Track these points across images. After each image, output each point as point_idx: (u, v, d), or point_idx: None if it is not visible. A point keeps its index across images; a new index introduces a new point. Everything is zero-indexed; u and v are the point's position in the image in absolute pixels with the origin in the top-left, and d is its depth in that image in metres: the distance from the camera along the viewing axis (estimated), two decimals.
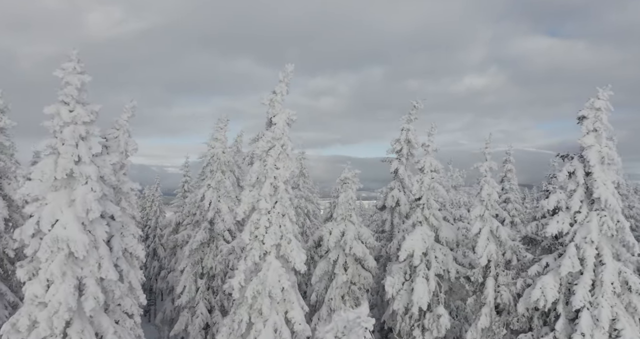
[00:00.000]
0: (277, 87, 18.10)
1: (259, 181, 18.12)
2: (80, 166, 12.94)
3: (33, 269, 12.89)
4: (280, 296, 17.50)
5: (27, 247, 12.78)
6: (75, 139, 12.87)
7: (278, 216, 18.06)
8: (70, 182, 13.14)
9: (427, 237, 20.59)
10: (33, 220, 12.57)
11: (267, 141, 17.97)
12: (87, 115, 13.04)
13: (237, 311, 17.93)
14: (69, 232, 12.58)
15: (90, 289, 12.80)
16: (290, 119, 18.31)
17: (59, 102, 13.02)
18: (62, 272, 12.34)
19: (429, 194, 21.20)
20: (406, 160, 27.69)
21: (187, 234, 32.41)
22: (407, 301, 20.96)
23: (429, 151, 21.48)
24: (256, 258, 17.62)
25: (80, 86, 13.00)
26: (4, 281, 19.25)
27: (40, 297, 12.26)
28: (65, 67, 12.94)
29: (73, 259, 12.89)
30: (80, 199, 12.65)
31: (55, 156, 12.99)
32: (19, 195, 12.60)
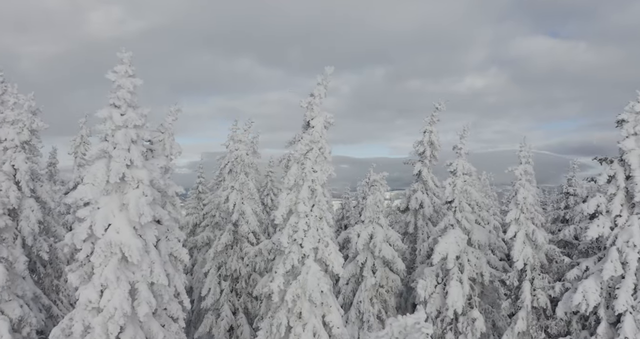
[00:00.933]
0: (315, 90, 18.00)
1: (297, 184, 18.04)
2: (132, 170, 12.85)
3: (85, 274, 12.77)
4: (320, 300, 17.42)
5: (79, 252, 12.66)
6: (128, 143, 12.77)
7: (316, 219, 17.98)
8: (121, 186, 13.04)
9: (461, 240, 20.52)
10: (86, 224, 12.46)
11: (305, 143, 17.88)
12: (138, 118, 12.94)
13: (275, 314, 17.85)
14: (122, 237, 12.48)
15: (143, 294, 12.69)
16: (327, 122, 18.22)
17: (109, 106, 12.91)
18: (116, 277, 12.23)
19: (462, 197, 21.14)
20: (429, 162, 27.67)
21: (207, 235, 32.31)
22: (440, 305, 20.91)
23: (461, 154, 21.42)
24: (295, 261, 17.54)
25: (133, 89, 12.90)
26: (37, 284, 19.12)
27: (94, 302, 12.14)
28: (118, 70, 12.83)
29: (125, 263, 12.79)
30: (133, 204, 12.55)
31: (107, 160, 12.89)
32: (71, 199, 12.47)
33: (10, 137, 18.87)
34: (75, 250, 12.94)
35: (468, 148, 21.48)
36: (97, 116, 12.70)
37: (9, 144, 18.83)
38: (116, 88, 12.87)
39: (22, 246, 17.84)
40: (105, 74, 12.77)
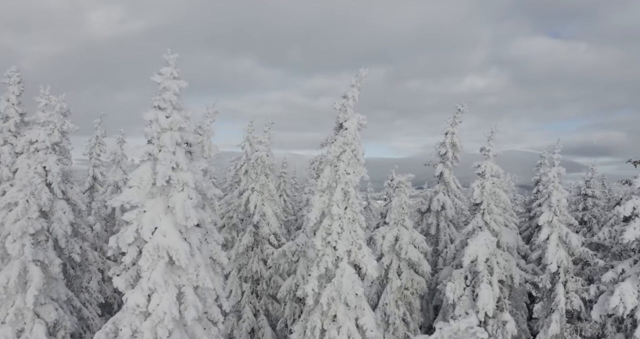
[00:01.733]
0: (348, 92, 17.93)
1: (330, 187, 17.97)
2: (177, 173, 12.76)
3: (130, 278, 12.69)
4: (355, 303, 17.36)
5: (125, 255, 12.58)
6: (173, 146, 12.69)
7: (349, 222, 17.92)
8: (166, 189, 12.96)
9: (490, 242, 20.44)
10: (132, 227, 12.37)
11: (339, 146, 17.81)
12: (183, 121, 12.86)
13: (309, 317, 17.78)
14: (169, 240, 12.40)
15: (190, 298, 12.61)
16: (360, 124, 18.16)
17: (154, 108, 12.83)
18: (164, 280, 12.15)
19: (490, 199, 21.06)
20: (451, 164, 27.60)
21: (224, 237, 32.18)
22: (469, 307, 20.80)
23: (489, 156, 21.34)
24: (329, 264, 17.47)
25: (178, 91, 12.82)
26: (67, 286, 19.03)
27: (142, 306, 12.06)
28: (164, 73, 12.76)
29: (171, 267, 12.71)
30: (179, 207, 12.46)
31: (152, 162, 12.81)
32: (118, 202, 12.38)
33: (41, 138, 18.82)
34: (120, 253, 12.86)
35: (496, 150, 21.39)
36: (143, 118, 12.61)
37: (40, 146, 18.78)
38: (161, 90, 12.79)
39: (54, 248, 17.77)
40: (151, 76, 12.68)
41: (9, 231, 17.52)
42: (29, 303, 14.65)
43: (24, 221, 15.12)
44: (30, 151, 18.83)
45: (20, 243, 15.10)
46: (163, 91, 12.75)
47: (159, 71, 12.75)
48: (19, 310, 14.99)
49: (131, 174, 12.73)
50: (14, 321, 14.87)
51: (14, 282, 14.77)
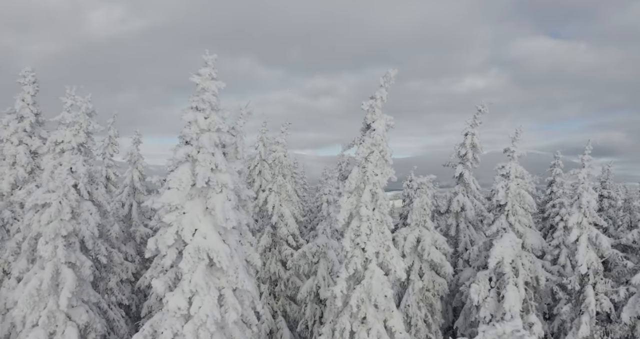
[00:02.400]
0: (377, 92, 17.86)
1: (358, 188, 17.89)
2: (216, 174, 12.69)
3: (169, 280, 12.61)
4: (385, 305, 17.27)
5: (164, 258, 12.49)
6: (212, 147, 12.61)
7: (377, 223, 17.84)
8: (204, 191, 12.88)
9: (516, 244, 20.36)
10: (172, 229, 12.29)
11: (367, 146, 17.74)
12: (220, 122, 12.79)
13: (338, 319, 17.68)
14: (209, 242, 12.32)
15: (229, 301, 12.53)
16: (388, 125, 18.09)
17: (192, 109, 12.75)
18: (205, 283, 12.06)
19: (515, 200, 20.97)
20: (471, 165, 27.52)
21: None
22: (494, 309, 20.72)
23: (513, 157, 21.25)
24: (358, 265, 17.38)
25: (217, 92, 12.75)
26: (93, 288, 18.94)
27: (184, 309, 11.97)
28: (202, 73, 12.69)
29: (210, 269, 12.62)
30: (219, 208, 12.38)
31: (191, 164, 12.73)
32: (158, 204, 12.30)
33: (67, 139, 18.72)
34: (159, 256, 12.77)
35: (521, 151, 21.29)
36: (183, 119, 12.51)
37: (66, 146, 18.68)
38: (200, 91, 12.71)
39: (80, 250, 17.68)
40: (191, 78, 12.59)
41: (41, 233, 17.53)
42: (62, 305, 14.56)
43: (57, 223, 15.04)
44: (56, 151, 18.73)
45: (53, 245, 15.02)
46: (202, 92, 12.68)
47: (198, 72, 12.68)
48: (51, 313, 14.90)
49: (170, 175, 12.64)
50: (46, 324, 14.78)
51: (47, 284, 14.69)
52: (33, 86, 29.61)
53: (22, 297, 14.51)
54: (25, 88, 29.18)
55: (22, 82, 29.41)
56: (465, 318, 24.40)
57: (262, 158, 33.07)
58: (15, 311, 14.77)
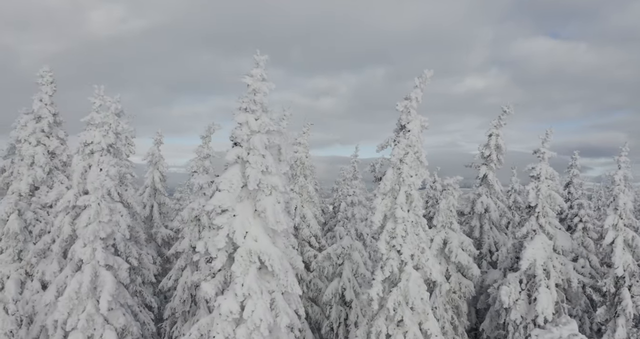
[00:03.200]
0: (412, 93, 17.69)
1: (393, 189, 17.73)
2: (266, 176, 12.51)
3: (219, 283, 12.41)
4: (421, 308, 17.12)
5: (214, 261, 12.29)
6: (263, 149, 12.43)
7: (412, 225, 17.68)
8: (252, 193, 12.69)
9: (547, 246, 20.26)
10: (223, 232, 12.09)
11: (402, 148, 17.58)
12: (271, 123, 12.60)
13: (374, 322, 17.51)
14: (261, 245, 12.14)
15: (281, 304, 12.36)
16: (422, 126, 17.94)
17: (243, 110, 12.55)
18: (258, 287, 11.87)
19: (545, 202, 20.86)
20: (495, 166, 27.38)
21: None
22: (525, 311, 20.60)
23: (544, 158, 21.11)
24: (394, 268, 17.22)
25: (268, 93, 12.56)
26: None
27: (236, 313, 11.78)
28: (254, 74, 12.49)
29: (260, 272, 12.44)
30: (270, 211, 12.21)
31: (240, 165, 12.54)
32: (210, 206, 12.10)
33: (96, 140, 18.51)
34: (207, 259, 12.58)
35: (551, 153, 21.16)
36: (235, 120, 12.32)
37: (95, 147, 18.47)
38: (251, 92, 12.52)
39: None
40: (243, 79, 12.39)
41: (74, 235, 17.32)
42: (103, 309, 14.35)
43: (95, 225, 14.82)
44: (85, 152, 18.51)
45: (91, 248, 14.81)
46: (253, 93, 12.48)
47: (249, 73, 12.49)
48: (90, 316, 14.69)
49: (220, 177, 12.44)
50: (85, 327, 14.56)
51: (86, 287, 14.47)
52: (51, 86, 29.32)
53: (62, 300, 14.26)
54: (43, 88, 28.90)
55: (39, 82, 29.13)
56: (492, 320, 24.26)
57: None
58: (54, 315, 14.52)
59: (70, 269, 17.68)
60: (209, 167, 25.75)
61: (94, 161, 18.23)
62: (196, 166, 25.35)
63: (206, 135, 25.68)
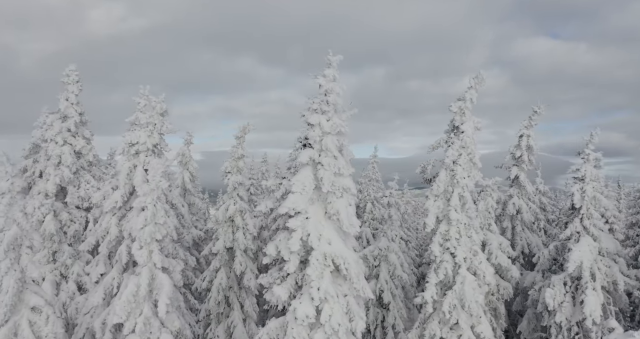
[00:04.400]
0: (466, 94, 17.51)
1: (446, 191, 17.53)
2: (338, 178, 12.26)
3: (291, 287, 12.16)
4: (476, 311, 16.92)
5: (286, 264, 12.04)
6: (335, 150, 12.18)
7: (465, 227, 17.49)
8: (322, 195, 12.44)
9: (593, 248, 20.06)
10: (297, 235, 11.84)
11: (456, 149, 17.38)
12: (342, 124, 12.35)
13: (427, 325, 17.32)
14: (335, 249, 11.89)
15: (355, 309, 12.11)
16: (476, 127, 17.74)
17: (315, 111, 12.30)
18: (334, 290, 11.63)
19: (590, 203, 20.65)
20: (526, 167, 27.18)
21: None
22: (570, 314, 20.41)
23: (589, 160, 20.90)
24: (448, 270, 17.02)
25: (341, 94, 12.30)
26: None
27: (311, 317, 11.52)
28: (326, 74, 12.24)
29: (333, 276, 12.19)
30: (343, 214, 11.97)
31: (312, 167, 12.28)
32: (285, 209, 11.84)
33: (142, 140, 18.22)
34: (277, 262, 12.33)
35: (596, 154, 20.94)
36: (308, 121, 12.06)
37: (141, 148, 18.18)
38: (324, 92, 12.26)
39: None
40: (315, 79, 12.13)
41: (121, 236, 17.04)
42: (161, 312, 14.07)
43: (152, 227, 14.52)
44: (131, 153, 18.21)
45: (148, 250, 14.51)
46: (326, 94, 12.23)
47: (322, 73, 12.23)
48: (147, 319, 14.41)
49: (293, 179, 12.17)
50: (142, 331, 14.28)
51: (144, 290, 14.19)
52: (77, 85, 28.97)
53: (119, 303, 13.99)
54: (69, 87, 28.56)
55: (65, 81, 28.80)
56: (529, 322, 24.10)
57: None
58: (112, 318, 14.24)
59: (117, 271, 17.43)
60: (243, 167, 25.54)
61: (139, 162, 17.94)
62: (230, 166, 25.10)
63: (240, 135, 25.42)
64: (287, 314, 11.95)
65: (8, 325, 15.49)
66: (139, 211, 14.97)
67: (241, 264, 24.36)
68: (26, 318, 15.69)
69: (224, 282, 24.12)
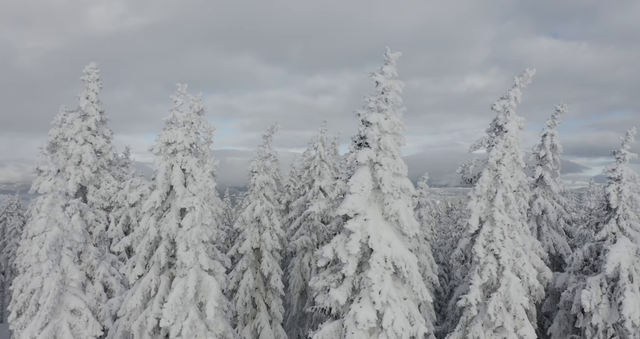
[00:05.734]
0: (510, 92, 17.26)
1: (490, 191, 17.27)
2: (396, 179, 11.99)
3: (348, 290, 11.89)
4: (522, 313, 16.67)
5: (344, 266, 11.76)
6: (395, 150, 11.90)
7: (509, 228, 17.23)
8: (379, 196, 12.18)
9: (631, 249, 19.83)
10: (356, 237, 11.57)
11: (500, 149, 17.12)
12: (401, 123, 12.07)
13: (470, 328, 17.05)
14: (396, 251, 11.63)
15: (415, 312, 11.84)
16: (520, 127, 17.49)
17: (371, 109, 12.02)
18: (397, 294, 11.36)
19: (626, 204, 20.42)
20: (551, 166, 26.94)
21: (305, 240, 31.35)
22: (606, 316, 20.17)
23: (624, 159, 20.66)
24: (492, 272, 16.76)
25: (400, 92, 12.03)
26: None
27: (373, 321, 11.26)
28: (385, 72, 11.96)
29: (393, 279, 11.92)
30: (403, 215, 11.70)
31: (370, 167, 12.01)
32: (343, 210, 11.56)
33: (179, 139, 17.91)
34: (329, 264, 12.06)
35: (632, 154, 20.69)
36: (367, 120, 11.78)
37: (178, 147, 17.87)
38: (382, 90, 11.98)
39: None
40: (373, 76, 11.86)
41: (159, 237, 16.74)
42: (210, 315, 13.79)
43: (199, 228, 14.24)
44: (168, 152, 17.90)
45: (194, 251, 14.23)
46: (385, 91, 11.94)
47: (381, 70, 11.94)
48: (192, 322, 14.13)
49: (351, 179, 11.90)
50: (189, 334, 14.01)
51: (191, 292, 13.91)
52: (97, 83, 28.72)
53: (167, 306, 13.71)
54: (89, 85, 28.32)
55: (86, 79, 28.53)
56: (560, 324, 23.86)
57: (321, 159, 32.44)
58: (161, 322, 13.95)
59: (155, 272, 17.15)
60: (270, 167, 25.26)
61: (176, 161, 17.65)
62: (257, 166, 24.82)
63: (267, 134, 25.17)
64: (345, 318, 11.67)
65: (48, 328, 15.24)
66: (177, 212, 14.68)
67: (268, 265, 24.13)
68: (66, 320, 15.45)
69: (250, 283, 23.87)
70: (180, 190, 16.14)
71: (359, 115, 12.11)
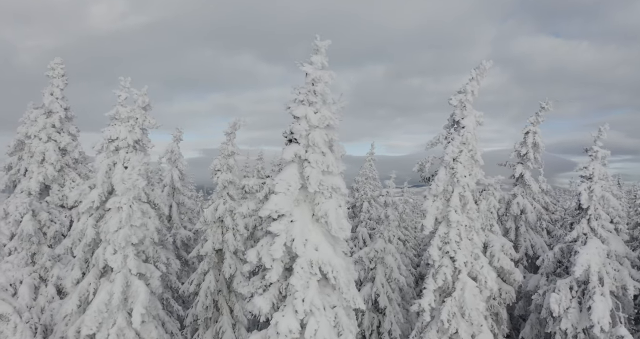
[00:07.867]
0: (467, 86, 16.37)
1: (446, 191, 16.40)
2: (326, 177, 11.11)
3: (273, 297, 11.02)
4: (477, 319, 15.81)
5: (268, 271, 10.90)
6: (324, 146, 11.02)
7: (466, 230, 16.37)
8: (310, 196, 11.30)
9: (601, 251, 18.93)
10: (280, 240, 10.69)
11: (456, 146, 16.24)
12: (332, 117, 11.19)
13: (424, 335, 16.20)
14: (323, 255, 10.75)
15: (344, 321, 10.98)
16: (477, 122, 16.61)
17: (300, 102, 11.14)
18: (321, 302, 10.50)
19: (598, 204, 19.51)
20: (532, 165, 26.03)
21: None
22: (576, 321, 19.28)
23: (597, 157, 19.73)
24: (447, 276, 15.90)
25: (330, 83, 11.14)
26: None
27: (296, 332, 10.39)
28: (314, 61, 11.07)
29: (320, 285, 11.05)
30: (332, 216, 10.82)
31: (298, 165, 11.14)
32: (267, 211, 10.69)
33: (122, 136, 17.05)
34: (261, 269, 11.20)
35: (604, 152, 19.78)
36: (292, 113, 10.91)
37: (121, 144, 17.02)
38: (310, 82, 11.10)
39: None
40: (301, 66, 10.97)
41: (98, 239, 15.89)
42: (136, 322, 12.95)
43: (127, 230, 13.39)
44: (110, 149, 17.05)
45: (123, 254, 13.38)
46: (314, 83, 11.06)
47: (309, 60, 11.06)
48: (120, 330, 13.29)
49: (277, 178, 11.02)
50: None
51: (117, 298, 13.06)
52: (62, 79, 27.87)
53: (90, 313, 12.86)
54: (54, 81, 27.47)
55: (50, 74, 27.68)
56: (532, 327, 22.98)
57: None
58: (82, 329, 13.11)
59: (94, 276, 16.29)
60: (234, 165, 24.37)
61: (119, 159, 16.78)
62: (220, 164, 23.94)
63: (230, 131, 24.26)
64: (269, 328, 10.81)
65: None
66: (116, 212, 13.81)
67: (230, 267, 23.24)
68: None
69: (212, 285, 23.00)
70: (119, 189, 15.25)
71: (288, 108, 11.22)
